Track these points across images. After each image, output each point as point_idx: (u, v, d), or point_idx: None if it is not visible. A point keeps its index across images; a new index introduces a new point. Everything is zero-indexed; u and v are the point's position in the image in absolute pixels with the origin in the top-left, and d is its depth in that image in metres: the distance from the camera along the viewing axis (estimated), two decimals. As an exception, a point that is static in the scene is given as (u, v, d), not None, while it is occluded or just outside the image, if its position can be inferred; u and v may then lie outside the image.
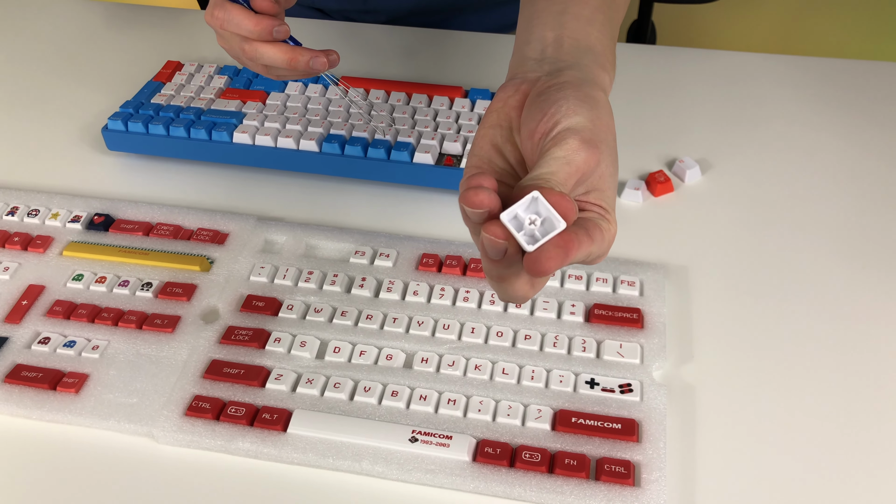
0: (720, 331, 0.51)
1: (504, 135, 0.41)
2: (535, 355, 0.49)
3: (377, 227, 0.59)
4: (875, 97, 0.70)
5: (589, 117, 0.38)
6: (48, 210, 0.60)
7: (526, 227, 0.33)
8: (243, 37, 0.53)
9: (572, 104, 0.38)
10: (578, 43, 0.43)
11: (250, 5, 0.52)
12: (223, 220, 0.59)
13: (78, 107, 0.71)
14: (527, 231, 0.33)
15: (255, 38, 0.52)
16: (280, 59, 0.53)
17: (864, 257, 0.56)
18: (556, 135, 0.37)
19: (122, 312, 0.52)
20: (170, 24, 0.82)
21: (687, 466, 0.44)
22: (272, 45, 0.53)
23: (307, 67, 0.53)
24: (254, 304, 0.53)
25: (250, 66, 0.55)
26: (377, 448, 0.45)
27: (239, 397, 0.48)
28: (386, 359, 0.49)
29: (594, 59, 0.43)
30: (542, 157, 0.37)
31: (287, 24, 0.53)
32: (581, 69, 0.42)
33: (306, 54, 0.53)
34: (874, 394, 0.48)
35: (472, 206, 0.34)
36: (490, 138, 0.41)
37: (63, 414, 0.47)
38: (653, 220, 0.59)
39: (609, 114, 0.40)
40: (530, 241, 0.33)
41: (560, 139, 0.37)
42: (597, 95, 0.40)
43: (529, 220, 0.33)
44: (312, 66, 0.53)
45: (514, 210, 0.33)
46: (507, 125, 0.41)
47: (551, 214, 0.33)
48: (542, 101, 0.39)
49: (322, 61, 0.53)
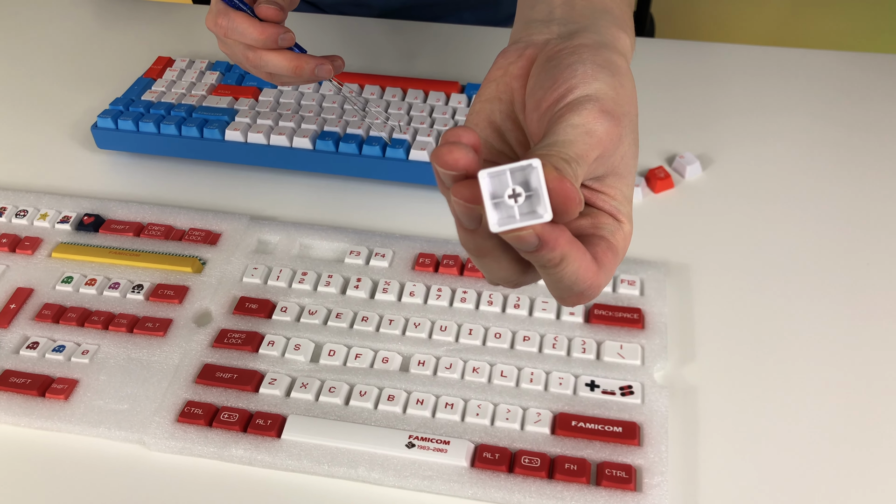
0: (722, 330, 0.50)
1: (504, 110, 0.35)
2: (534, 357, 0.48)
3: (372, 227, 0.58)
4: (877, 90, 0.69)
5: (611, 84, 0.32)
6: (37, 210, 0.59)
7: (505, 200, 0.26)
8: (247, 45, 0.52)
9: (590, 69, 0.32)
10: (593, 3, 0.37)
11: (254, 13, 0.51)
12: (215, 220, 0.58)
13: (66, 104, 0.70)
14: (504, 204, 0.26)
15: (260, 46, 0.51)
16: (285, 66, 0.52)
17: (869, 253, 0.55)
18: (570, 101, 0.31)
19: (112, 315, 0.51)
20: (161, 19, 0.81)
21: (689, 470, 0.44)
22: (277, 52, 0.52)
23: (312, 75, 0.52)
24: (247, 306, 0.52)
25: (253, 73, 0.54)
26: (373, 454, 0.44)
27: (232, 402, 0.47)
28: (382, 362, 0.48)
29: (612, 21, 0.36)
30: (554, 125, 0.30)
31: (292, 32, 0.51)
32: (598, 31, 0.35)
33: (311, 62, 0.52)
34: (880, 393, 0.47)
35: (445, 165, 0.27)
36: (487, 114, 0.35)
37: (52, 421, 0.46)
38: (653, 217, 0.58)
39: (632, 83, 0.34)
40: (502, 218, 0.26)
41: (577, 106, 0.30)
42: (618, 61, 0.33)
43: (514, 190, 0.26)
44: (317, 73, 0.52)
45: (499, 170, 0.26)
46: (507, 98, 0.35)
47: (542, 195, 0.26)
48: (552, 66, 0.33)
49: (327, 68, 0.52)
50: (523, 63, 0.35)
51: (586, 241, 0.31)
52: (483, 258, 0.30)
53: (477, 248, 0.30)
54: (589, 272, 0.29)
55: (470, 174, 0.27)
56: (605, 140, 0.30)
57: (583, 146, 0.29)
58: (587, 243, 0.31)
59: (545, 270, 0.29)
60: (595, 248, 0.31)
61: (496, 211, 0.26)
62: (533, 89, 0.33)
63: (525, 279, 0.32)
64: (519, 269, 0.31)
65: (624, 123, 0.32)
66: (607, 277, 0.31)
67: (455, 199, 0.27)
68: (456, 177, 0.27)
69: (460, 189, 0.27)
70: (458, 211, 0.28)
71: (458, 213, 0.28)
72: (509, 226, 0.26)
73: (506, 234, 0.27)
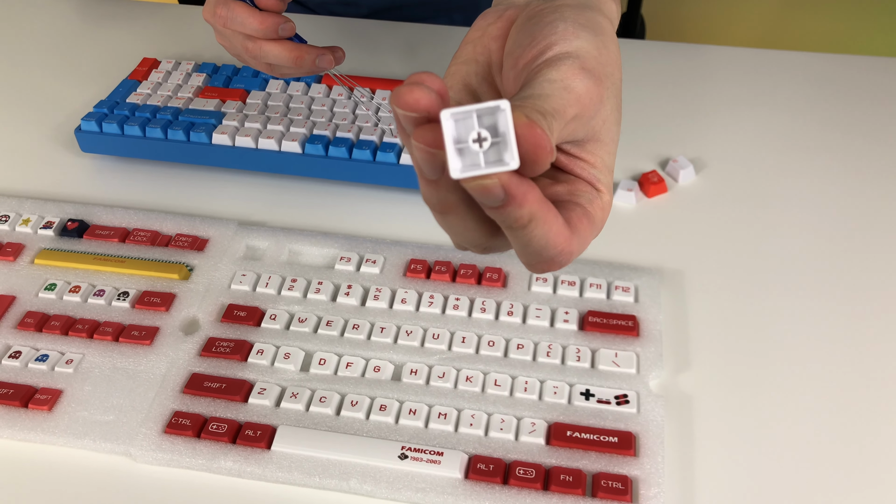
0: (717, 337, 0.50)
1: (481, 72, 0.33)
2: (528, 365, 0.47)
3: (363, 232, 0.57)
4: (871, 92, 0.69)
5: (593, 43, 0.30)
6: (18, 216, 0.57)
7: (469, 145, 0.24)
8: (247, 35, 0.51)
9: (571, 26, 0.30)
10: None
11: (254, 3, 0.50)
12: (202, 226, 0.56)
13: (49, 106, 0.69)
14: (469, 151, 0.24)
15: (260, 36, 0.50)
16: (285, 57, 0.51)
17: (865, 258, 0.55)
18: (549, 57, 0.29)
19: (97, 324, 0.50)
20: (146, 19, 0.79)
21: (686, 481, 0.43)
22: (277, 43, 0.51)
23: (313, 66, 0.51)
24: (235, 313, 0.51)
25: (252, 65, 0.53)
26: (365, 465, 0.43)
27: (221, 413, 0.46)
28: (373, 371, 0.47)
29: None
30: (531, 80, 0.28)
31: (292, 22, 0.51)
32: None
33: (312, 52, 0.51)
34: (878, 399, 0.47)
35: (405, 105, 0.24)
36: (462, 76, 0.33)
37: (35, 433, 0.45)
38: (647, 222, 0.58)
39: (616, 46, 0.32)
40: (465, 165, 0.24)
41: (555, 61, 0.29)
42: (602, 22, 0.32)
43: (479, 134, 0.24)
44: (319, 64, 0.51)
45: (463, 111, 0.24)
46: (484, 59, 0.33)
47: (509, 141, 0.24)
48: (532, 24, 0.31)
49: (328, 59, 0.52)
50: (502, 24, 0.33)
51: (560, 207, 0.29)
52: (446, 215, 0.28)
53: (440, 202, 0.27)
54: (560, 237, 0.28)
55: (432, 117, 0.25)
56: (584, 98, 0.29)
57: (559, 101, 0.28)
58: (561, 209, 0.29)
59: (512, 232, 0.27)
60: (569, 213, 0.29)
61: (459, 157, 0.24)
62: (511, 48, 0.32)
63: (494, 243, 0.29)
64: (487, 231, 0.29)
65: (606, 85, 0.30)
66: (581, 245, 0.29)
67: (416, 144, 0.25)
68: (417, 120, 0.25)
69: (422, 132, 0.24)
70: (419, 158, 0.25)
71: (419, 161, 0.26)
72: (472, 172, 0.24)
73: (468, 182, 0.24)
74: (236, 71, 0.67)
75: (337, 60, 0.52)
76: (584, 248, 0.30)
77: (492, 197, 0.25)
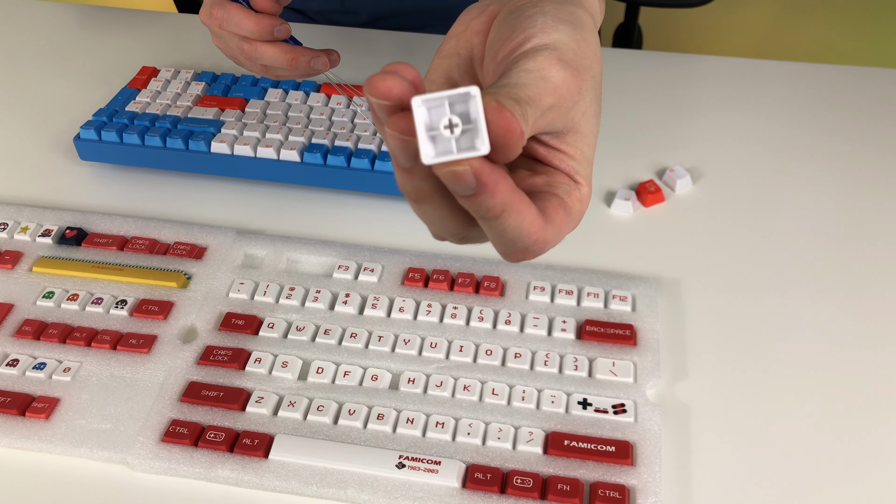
0: (714, 346, 0.50)
1: (463, 65, 0.33)
2: (525, 374, 0.48)
3: (361, 241, 0.57)
4: (866, 102, 0.69)
5: (572, 36, 0.30)
6: (17, 224, 0.57)
7: (441, 132, 0.25)
8: (242, 37, 0.51)
9: (550, 20, 0.31)
10: None
11: (250, 4, 0.51)
12: (201, 234, 0.57)
13: (48, 115, 0.69)
14: (441, 137, 0.25)
15: (256, 37, 0.51)
16: (281, 59, 0.51)
17: (862, 266, 0.55)
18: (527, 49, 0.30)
19: (95, 332, 0.50)
20: (145, 28, 0.80)
21: (683, 490, 0.43)
22: (272, 44, 0.51)
23: (308, 67, 0.52)
24: (233, 322, 0.51)
25: (247, 67, 0.54)
26: (363, 475, 0.43)
27: (218, 421, 0.46)
28: (371, 379, 0.47)
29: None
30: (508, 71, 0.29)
31: (287, 24, 0.51)
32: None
33: (307, 54, 0.52)
34: (876, 407, 0.47)
35: (377, 93, 0.25)
36: (444, 70, 0.33)
37: (32, 441, 0.45)
38: (644, 231, 0.58)
39: (596, 41, 0.32)
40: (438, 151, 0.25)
41: (533, 53, 0.29)
42: (582, 16, 0.32)
43: (450, 120, 0.24)
44: (314, 66, 0.52)
45: (435, 97, 0.24)
46: (466, 53, 0.33)
47: (480, 127, 0.24)
48: (513, 18, 0.32)
49: (323, 61, 0.52)
50: (485, 18, 0.34)
51: (537, 198, 0.30)
52: (421, 203, 0.28)
53: (415, 190, 0.27)
54: (534, 226, 0.28)
55: (405, 105, 0.25)
56: (561, 88, 0.29)
57: (535, 90, 0.28)
58: (537, 199, 0.30)
59: (486, 223, 0.27)
60: (545, 203, 0.30)
61: (432, 144, 0.24)
62: (492, 42, 0.32)
63: (470, 233, 0.30)
64: (462, 220, 0.29)
65: (584, 77, 0.30)
66: (556, 235, 0.30)
67: (389, 132, 0.25)
68: (390, 108, 0.25)
69: (395, 120, 0.25)
70: (393, 146, 0.26)
71: (393, 149, 0.26)
72: (443, 158, 0.24)
73: (440, 169, 0.25)
74: (235, 80, 0.67)
75: (332, 63, 0.53)
76: (559, 238, 0.30)
77: (463, 184, 0.25)
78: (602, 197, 0.61)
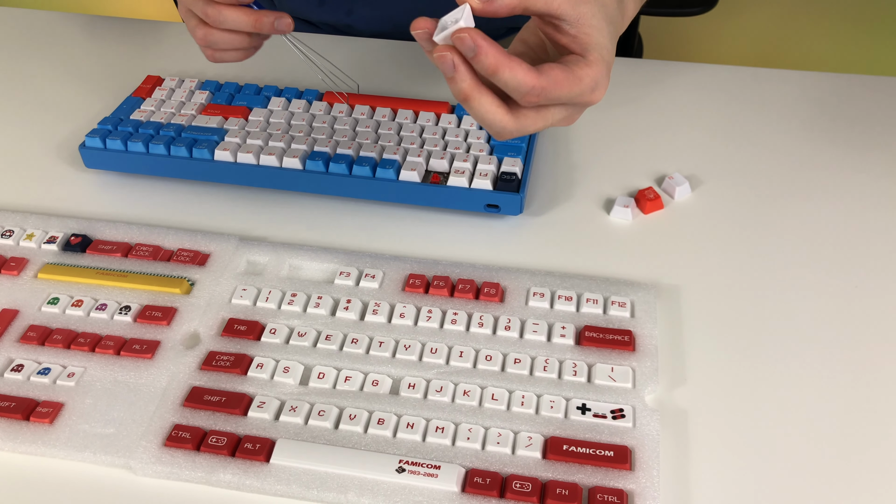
0: (713, 352, 0.50)
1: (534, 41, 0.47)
2: (524, 380, 0.48)
3: (362, 247, 0.58)
4: (866, 111, 0.69)
5: None
6: (23, 231, 0.58)
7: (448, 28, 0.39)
8: (207, 1, 0.54)
9: None
10: None
11: None
12: (204, 241, 0.57)
13: (54, 123, 0.70)
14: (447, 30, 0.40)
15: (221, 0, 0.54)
16: (244, 21, 0.54)
17: (859, 274, 0.55)
18: None
19: (99, 338, 0.51)
20: (150, 38, 0.81)
21: (681, 495, 0.43)
22: (236, 8, 0.54)
23: (272, 28, 0.55)
24: (236, 328, 0.51)
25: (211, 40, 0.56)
26: (363, 479, 0.43)
27: (220, 426, 0.46)
28: (372, 385, 0.48)
29: None
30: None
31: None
32: None
33: (270, 15, 0.55)
34: (875, 416, 0.47)
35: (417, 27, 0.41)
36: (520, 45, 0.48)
37: (36, 445, 0.45)
38: (643, 238, 0.58)
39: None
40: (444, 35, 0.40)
41: None
42: None
43: (452, 20, 0.39)
44: (277, 27, 0.55)
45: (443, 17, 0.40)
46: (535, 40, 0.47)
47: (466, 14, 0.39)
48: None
49: (287, 21, 0.55)
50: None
51: (547, 64, 0.41)
52: (469, 102, 0.41)
53: (461, 92, 0.40)
54: (528, 76, 0.39)
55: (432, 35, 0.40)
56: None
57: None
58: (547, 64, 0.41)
59: (492, 79, 0.40)
60: (544, 63, 0.41)
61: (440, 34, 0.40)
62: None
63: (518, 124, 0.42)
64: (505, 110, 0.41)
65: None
66: (554, 86, 0.40)
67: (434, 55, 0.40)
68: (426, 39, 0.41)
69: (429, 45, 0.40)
70: (437, 64, 0.40)
71: (439, 67, 0.40)
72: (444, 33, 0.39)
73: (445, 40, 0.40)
74: (239, 89, 0.68)
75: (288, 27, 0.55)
76: (558, 91, 0.41)
77: (466, 46, 0.39)
78: (601, 204, 0.61)
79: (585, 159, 0.65)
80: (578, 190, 0.62)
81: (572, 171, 0.64)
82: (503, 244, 0.58)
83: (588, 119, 0.69)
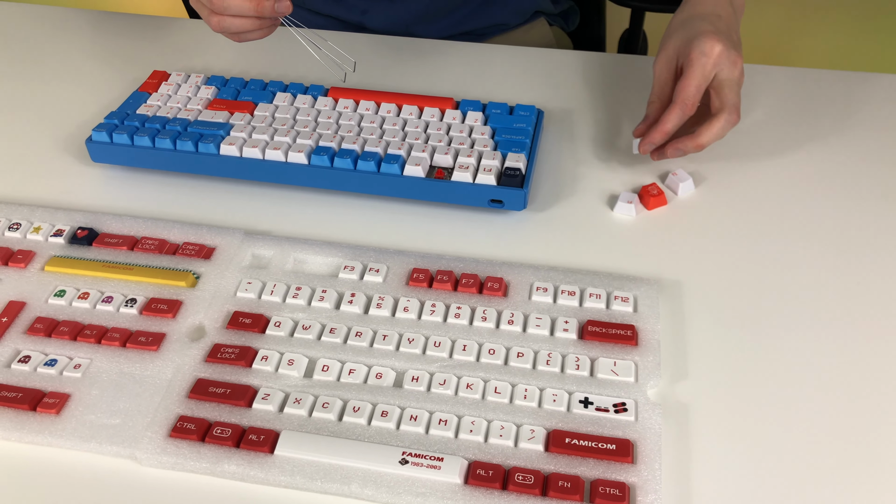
0: (714, 347, 0.51)
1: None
2: (527, 373, 0.48)
3: (367, 242, 0.58)
4: (869, 108, 0.69)
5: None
6: (30, 224, 0.58)
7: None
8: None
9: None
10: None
11: None
12: (210, 234, 0.58)
13: (61, 117, 0.70)
14: None
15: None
16: (246, 6, 0.57)
17: (861, 270, 0.55)
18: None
19: (105, 329, 0.51)
20: (157, 33, 0.81)
21: (682, 488, 0.44)
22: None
23: (272, 11, 0.57)
24: (241, 320, 0.52)
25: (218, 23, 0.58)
26: (367, 470, 0.44)
27: (225, 418, 0.46)
28: (375, 377, 0.48)
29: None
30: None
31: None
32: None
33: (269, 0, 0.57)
34: (875, 409, 0.47)
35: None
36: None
37: (43, 436, 0.46)
38: (646, 233, 0.59)
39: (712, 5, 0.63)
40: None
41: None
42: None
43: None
44: (277, 9, 0.57)
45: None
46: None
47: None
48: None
49: (286, 4, 0.57)
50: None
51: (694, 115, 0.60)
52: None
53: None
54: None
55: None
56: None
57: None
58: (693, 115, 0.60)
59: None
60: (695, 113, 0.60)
61: None
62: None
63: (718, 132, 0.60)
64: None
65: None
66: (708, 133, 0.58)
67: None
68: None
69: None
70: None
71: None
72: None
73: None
74: (244, 84, 0.68)
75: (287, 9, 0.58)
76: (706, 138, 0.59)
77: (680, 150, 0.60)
78: (605, 199, 0.61)
79: (589, 155, 0.65)
80: (582, 185, 0.63)
81: (576, 167, 0.64)
82: (507, 239, 0.58)
83: (591, 115, 0.69)
